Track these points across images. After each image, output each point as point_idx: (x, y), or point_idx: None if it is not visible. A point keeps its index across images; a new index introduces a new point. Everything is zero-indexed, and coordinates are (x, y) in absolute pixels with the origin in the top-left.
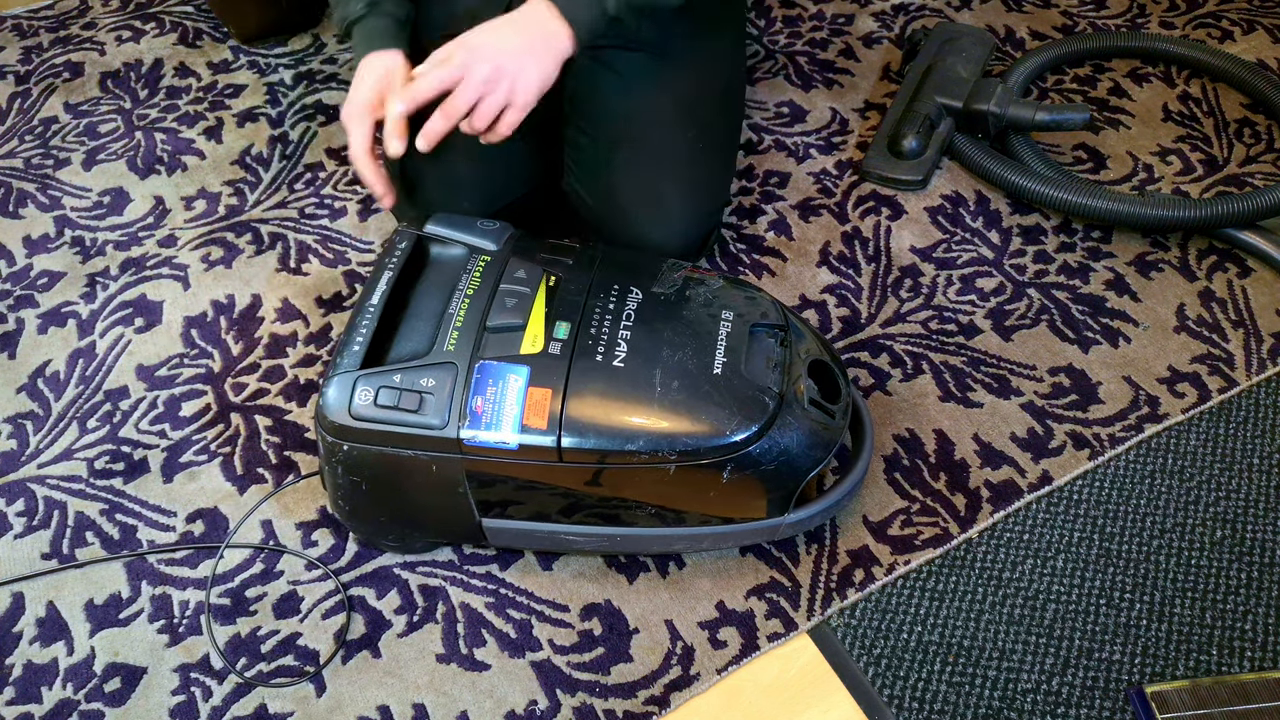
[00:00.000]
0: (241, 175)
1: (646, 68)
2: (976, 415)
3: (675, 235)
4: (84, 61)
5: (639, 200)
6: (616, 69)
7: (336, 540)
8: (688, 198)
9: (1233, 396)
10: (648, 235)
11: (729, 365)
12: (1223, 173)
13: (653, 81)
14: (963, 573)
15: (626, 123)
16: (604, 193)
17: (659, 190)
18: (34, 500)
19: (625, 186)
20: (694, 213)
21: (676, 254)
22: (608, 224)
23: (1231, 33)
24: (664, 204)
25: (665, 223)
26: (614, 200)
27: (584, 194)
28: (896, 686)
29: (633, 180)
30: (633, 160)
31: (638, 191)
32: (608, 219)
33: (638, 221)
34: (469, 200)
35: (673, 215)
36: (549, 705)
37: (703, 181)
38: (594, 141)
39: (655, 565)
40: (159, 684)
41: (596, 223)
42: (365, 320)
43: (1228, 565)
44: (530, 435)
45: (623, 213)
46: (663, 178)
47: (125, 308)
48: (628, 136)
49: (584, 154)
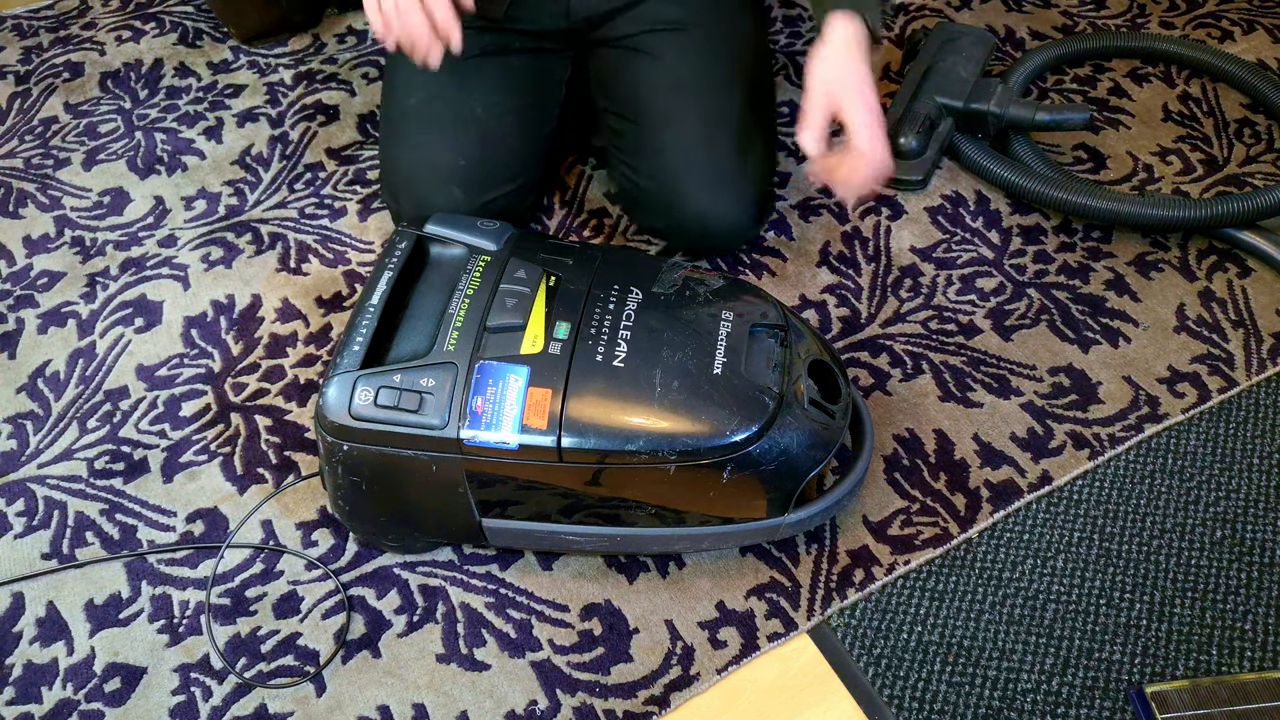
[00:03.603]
0: (241, 175)
1: (677, 44)
2: (976, 415)
3: (736, 203)
4: (84, 61)
5: (695, 173)
6: (647, 50)
7: (336, 540)
8: (741, 163)
9: (1233, 396)
10: (710, 207)
11: (729, 365)
12: (1223, 173)
13: (684, 55)
14: (963, 573)
15: (668, 99)
16: (658, 172)
17: (713, 159)
18: (34, 500)
19: (679, 162)
20: (749, 177)
21: (741, 225)
22: (668, 204)
23: (1231, 33)
24: (720, 172)
25: (724, 191)
26: (670, 178)
27: (638, 180)
28: (896, 686)
29: (685, 155)
30: (681, 136)
31: (693, 164)
32: (668, 199)
33: (698, 195)
34: (460, 189)
35: (729, 182)
36: (549, 705)
37: (752, 145)
38: (639, 126)
39: (655, 565)
40: (159, 684)
41: (655, 207)
42: (365, 320)
43: (1228, 565)
44: (530, 435)
45: (681, 189)
46: (714, 146)
47: (125, 308)
48: (672, 113)
49: (629, 140)
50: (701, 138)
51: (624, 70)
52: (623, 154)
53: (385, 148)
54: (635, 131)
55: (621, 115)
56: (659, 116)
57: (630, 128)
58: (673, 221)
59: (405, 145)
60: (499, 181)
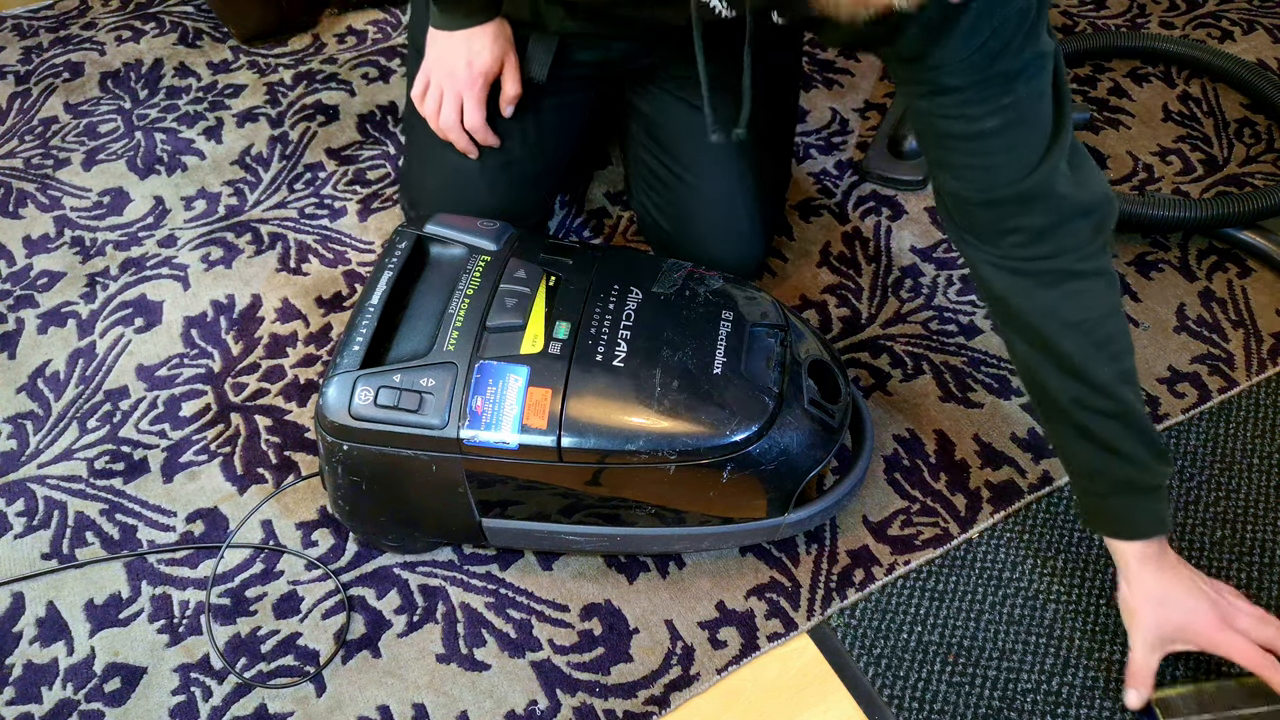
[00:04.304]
0: (241, 175)
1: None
2: (977, 415)
3: (748, 253)
4: (84, 61)
5: (714, 226)
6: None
7: (336, 540)
8: (757, 219)
9: (1233, 396)
10: (720, 255)
11: (729, 365)
12: (1223, 173)
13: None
14: (963, 573)
15: (705, 157)
16: (677, 216)
17: (733, 216)
18: (34, 500)
19: (700, 213)
20: (762, 232)
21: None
22: (682, 245)
23: (1231, 33)
24: (738, 229)
25: (739, 244)
26: (687, 224)
27: (658, 217)
28: (896, 686)
29: (707, 207)
30: (707, 187)
31: (713, 218)
32: (683, 241)
33: (712, 244)
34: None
35: (746, 237)
36: (549, 705)
37: (771, 200)
38: (670, 172)
39: (655, 565)
40: (159, 684)
41: (669, 243)
42: (365, 320)
43: (1228, 565)
44: (530, 435)
45: (696, 237)
46: (736, 204)
47: (125, 308)
48: (704, 164)
49: (660, 182)
50: (725, 194)
51: (667, 112)
52: (649, 189)
53: (414, 165)
54: (668, 176)
55: (656, 156)
56: (695, 171)
57: (663, 170)
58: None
59: (437, 168)
60: (524, 214)
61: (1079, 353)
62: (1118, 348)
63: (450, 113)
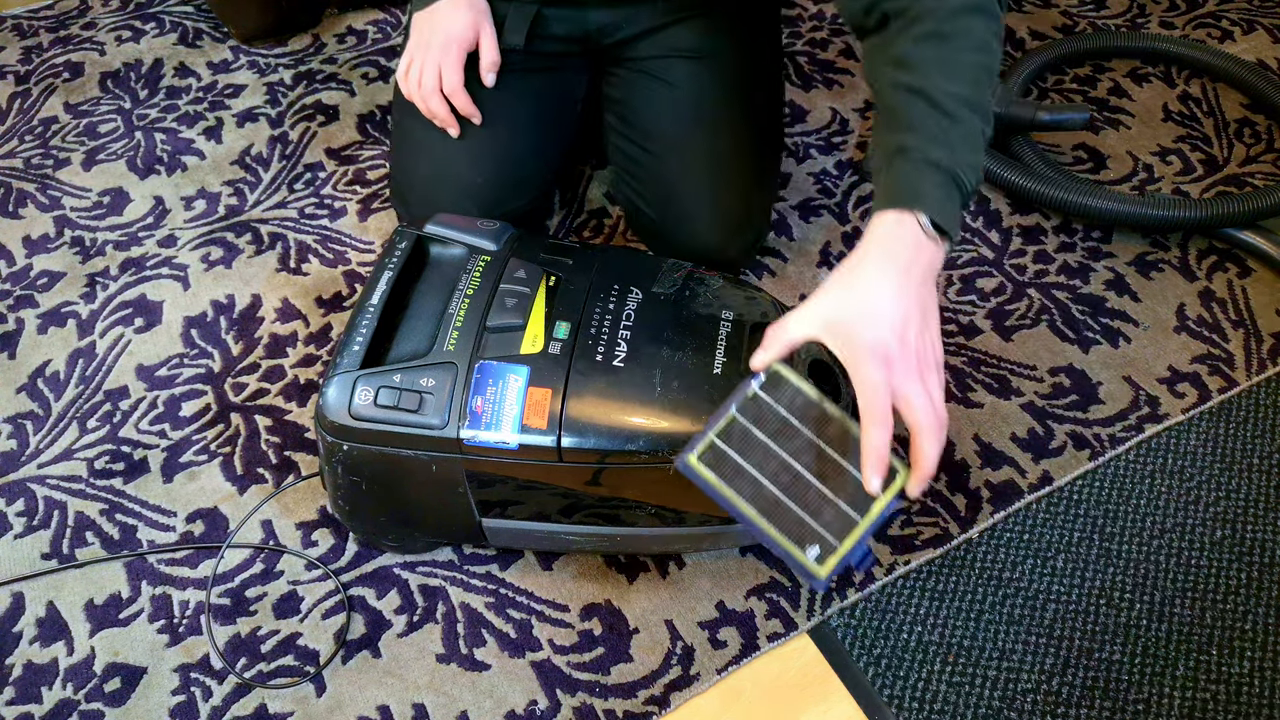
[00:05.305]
0: (241, 175)
1: (694, 73)
2: (977, 415)
3: (738, 243)
4: (84, 61)
5: (700, 212)
6: (666, 79)
7: (336, 540)
8: (746, 206)
9: (1233, 396)
10: (709, 245)
11: (729, 365)
12: (1223, 173)
13: (701, 86)
14: (963, 573)
15: (678, 130)
16: (662, 203)
17: (720, 201)
18: (34, 500)
19: (685, 198)
20: (752, 222)
21: (738, 259)
22: (669, 235)
23: (1231, 33)
24: (726, 215)
25: (727, 232)
26: (673, 211)
27: (642, 206)
28: (896, 686)
29: (692, 192)
30: (690, 171)
31: (698, 204)
32: (670, 230)
33: (700, 233)
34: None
35: (735, 226)
36: (549, 705)
37: (756, 182)
38: (647, 153)
39: (655, 565)
40: (159, 684)
41: (655, 233)
42: (365, 320)
43: (1228, 565)
44: (530, 435)
45: (684, 225)
46: (721, 188)
47: (125, 308)
48: (684, 145)
49: (637, 164)
50: (710, 177)
51: (638, 93)
52: (629, 176)
53: (400, 156)
54: (643, 157)
55: (631, 139)
56: (669, 146)
57: (638, 152)
58: (670, 249)
59: (422, 157)
60: (513, 198)
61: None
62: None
63: (430, 78)
